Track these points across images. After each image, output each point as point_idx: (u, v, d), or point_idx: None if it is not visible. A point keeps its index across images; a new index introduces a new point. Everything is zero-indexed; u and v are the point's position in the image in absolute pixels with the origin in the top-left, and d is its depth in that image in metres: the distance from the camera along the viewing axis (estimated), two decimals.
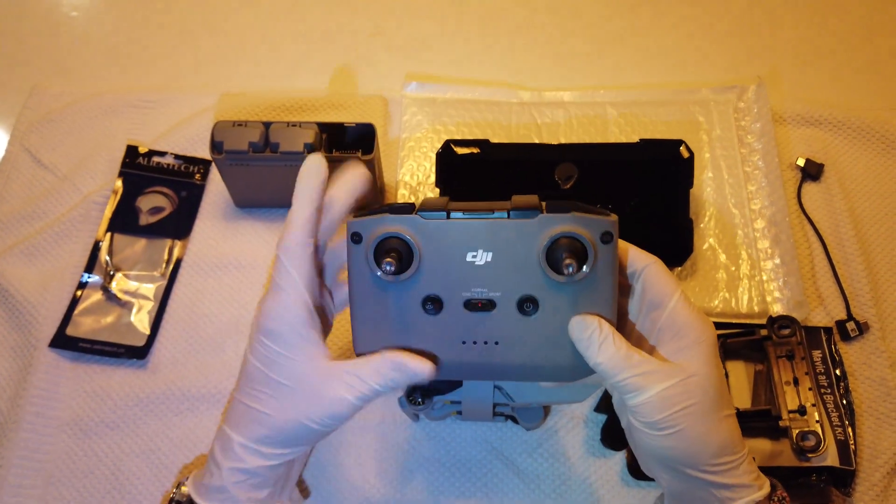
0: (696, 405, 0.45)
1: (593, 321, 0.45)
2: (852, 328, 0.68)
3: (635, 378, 0.44)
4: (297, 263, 0.47)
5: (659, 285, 0.47)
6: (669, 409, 0.44)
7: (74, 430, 0.65)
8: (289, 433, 0.48)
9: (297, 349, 0.47)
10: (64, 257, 0.73)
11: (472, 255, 0.46)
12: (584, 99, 0.81)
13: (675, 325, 0.46)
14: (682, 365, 0.45)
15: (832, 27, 0.89)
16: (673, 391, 0.44)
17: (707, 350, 0.46)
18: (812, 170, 0.77)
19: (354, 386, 0.46)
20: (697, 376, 0.45)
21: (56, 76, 0.86)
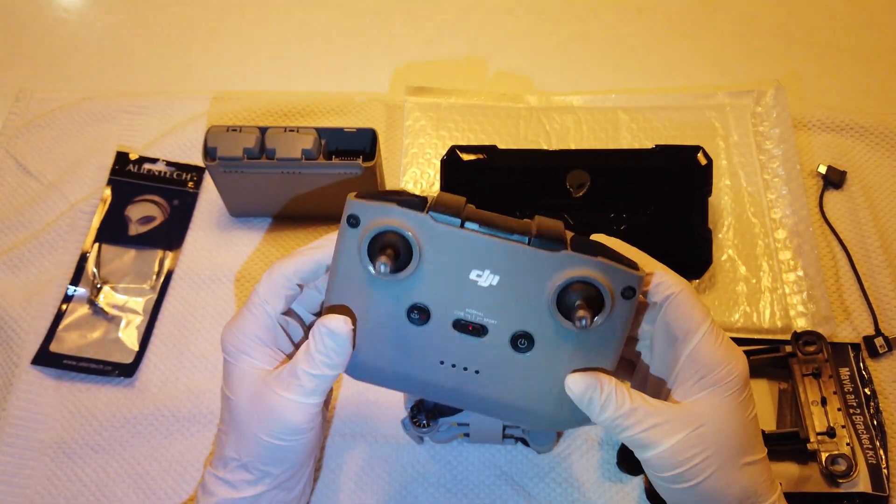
0: (712, 456, 0.41)
1: (592, 381, 0.41)
2: (881, 344, 0.65)
3: (643, 433, 0.41)
4: (274, 289, 0.44)
5: (685, 316, 0.42)
6: (682, 464, 0.41)
7: (57, 452, 0.62)
8: (248, 453, 0.45)
9: (247, 365, 0.44)
10: (49, 269, 0.70)
11: (478, 273, 0.41)
12: (595, 103, 0.78)
13: (698, 363, 0.42)
14: (696, 410, 0.41)
15: (853, 30, 0.86)
16: (685, 444, 0.41)
17: (731, 392, 0.42)
18: (834, 177, 0.73)
19: (292, 382, 0.43)
20: (712, 424, 0.41)
21: (44, 80, 0.83)
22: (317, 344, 0.41)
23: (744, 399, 0.42)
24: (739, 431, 0.42)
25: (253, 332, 0.44)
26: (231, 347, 0.45)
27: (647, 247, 0.65)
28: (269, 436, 0.44)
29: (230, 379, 0.45)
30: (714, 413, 0.41)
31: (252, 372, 0.44)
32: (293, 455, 0.46)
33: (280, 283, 0.44)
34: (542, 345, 0.42)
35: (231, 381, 0.45)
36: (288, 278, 0.44)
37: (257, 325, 0.44)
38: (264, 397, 0.43)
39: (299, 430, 0.44)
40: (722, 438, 0.41)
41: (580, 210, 0.66)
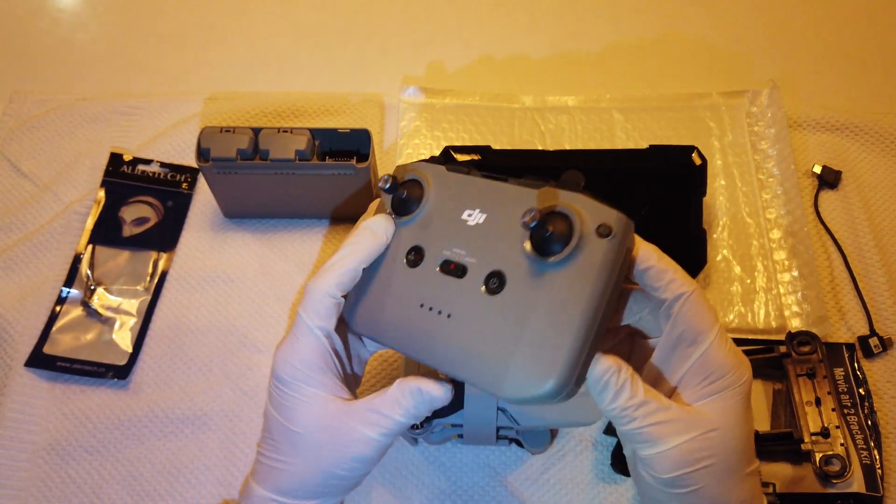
0: (717, 464, 0.40)
1: (612, 363, 0.39)
2: (875, 344, 0.65)
3: (651, 428, 0.40)
4: (319, 309, 0.43)
5: (696, 319, 0.41)
6: (686, 466, 0.40)
7: (51, 454, 0.62)
8: (312, 483, 0.44)
9: (311, 395, 0.44)
10: (42, 271, 0.69)
11: (469, 213, 0.42)
12: (589, 104, 0.78)
13: (707, 368, 0.41)
14: (707, 415, 0.41)
15: (847, 29, 0.86)
16: (692, 445, 0.40)
17: (739, 399, 0.41)
18: (829, 177, 0.73)
19: (374, 422, 0.43)
20: (722, 430, 0.40)
21: (37, 82, 0.83)
22: (414, 403, 0.42)
23: (749, 408, 0.42)
24: (744, 440, 0.42)
25: (309, 360, 0.43)
26: (288, 378, 0.43)
27: None
28: (340, 468, 0.43)
29: (292, 410, 0.44)
30: (724, 419, 0.41)
31: (319, 403, 0.43)
32: (349, 485, 0.46)
33: (327, 303, 0.43)
34: (514, 286, 0.40)
35: (293, 412, 0.44)
36: (332, 295, 0.44)
37: (312, 352, 0.44)
38: (341, 431, 0.43)
39: (370, 461, 0.44)
40: (729, 445, 0.41)
41: None
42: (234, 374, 0.65)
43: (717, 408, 0.41)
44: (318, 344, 0.44)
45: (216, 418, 0.63)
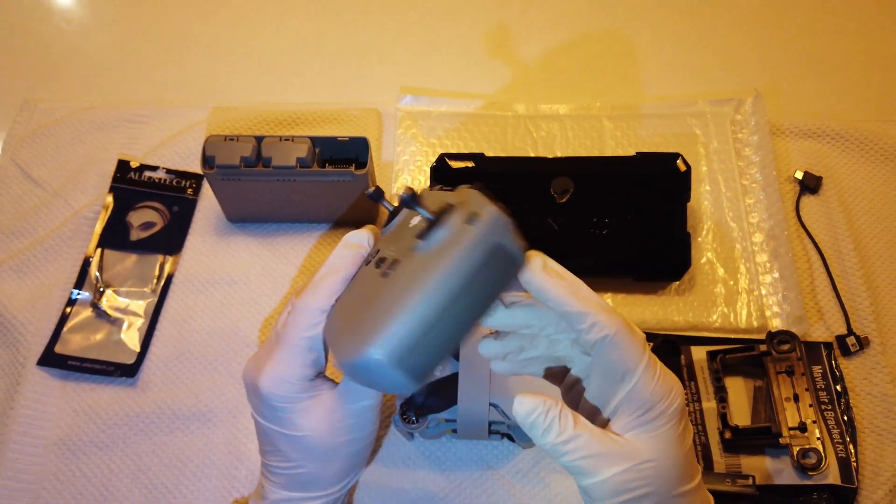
0: (653, 492, 0.42)
1: (537, 404, 0.41)
2: (852, 343, 0.67)
3: (582, 461, 0.41)
4: (312, 324, 0.45)
5: (622, 358, 0.42)
6: (616, 496, 0.41)
7: (62, 449, 0.64)
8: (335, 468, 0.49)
9: (310, 404, 0.47)
10: (53, 273, 0.72)
11: (415, 218, 0.44)
12: (580, 112, 0.81)
13: (638, 401, 0.42)
14: (639, 446, 0.42)
15: (829, 39, 0.88)
16: (626, 476, 0.41)
17: (671, 426, 0.42)
18: (810, 182, 0.76)
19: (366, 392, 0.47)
20: (656, 461, 0.42)
21: (47, 91, 0.85)
22: None
23: (682, 430, 0.43)
24: (679, 464, 0.43)
25: (302, 374, 0.46)
26: (284, 394, 0.46)
27: (628, 250, 0.68)
28: (353, 445, 0.48)
29: (295, 422, 0.46)
30: (658, 450, 0.42)
31: (318, 406, 0.47)
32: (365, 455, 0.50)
33: (318, 319, 0.45)
34: (401, 269, 0.41)
35: (296, 423, 0.46)
36: (323, 310, 0.45)
37: (305, 366, 0.46)
38: (342, 416, 0.47)
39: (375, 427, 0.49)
40: (663, 473, 0.42)
41: (564, 216, 0.68)
42: (238, 372, 0.67)
43: (649, 438, 0.42)
44: (309, 357, 0.46)
45: (220, 415, 0.66)
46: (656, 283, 0.71)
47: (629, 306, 0.70)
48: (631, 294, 0.71)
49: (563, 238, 0.68)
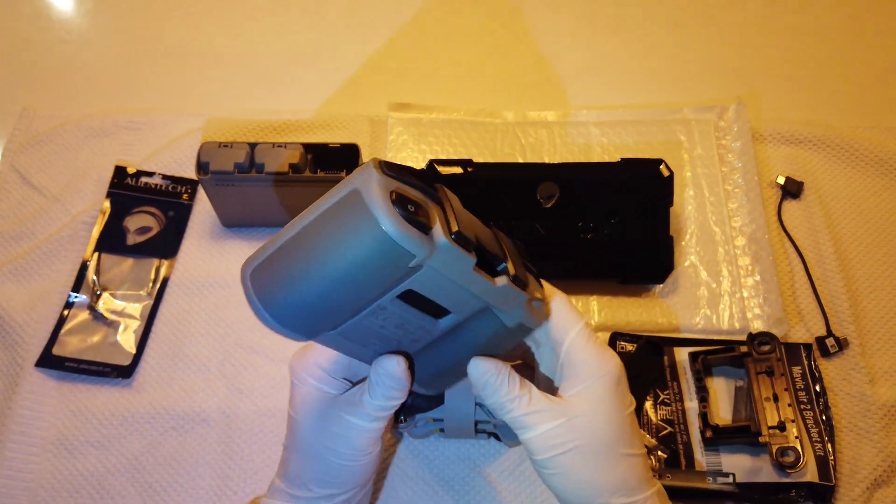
0: (583, 446, 0.45)
1: (490, 365, 0.45)
2: (832, 344, 0.69)
3: (523, 417, 0.45)
4: None
5: (559, 321, 0.47)
6: (551, 450, 0.45)
7: (59, 449, 0.66)
8: (313, 471, 0.49)
9: (311, 386, 0.48)
10: (51, 277, 0.73)
11: None
12: (568, 119, 0.82)
13: (573, 363, 0.46)
14: (571, 404, 0.45)
15: (810, 47, 0.90)
16: (556, 431, 0.45)
17: (602, 388, 0.46)
18: (792, 188, 0.78)
19: (354, 408, 0.47)
20: (584, 416, 0.45)
21: (47, 98, 0.87)
22: (378, 378, 0.45)
23: (618, 395, 0.46)
24: (614, 423, 0.46)
25: (318, 362, 0.48)
26: (298, 372, 0.49)
27: (613, 254, 0.70)
28: (333, 456, 0.48)
29: (295, 401, 0.49)
30: (588, 406, 0.45)
31: (317, 395, 0.48)
32: (353, 476, 0.50)
33: None
34: None
35: (296, 403, 0.49)
36: None
37: (323, 357, 0.48)
38: (330, 419, 0.48)
39: (362, 452, 0.48)
40: (595, 429, 0.45)
41: (549, 220, 0.70)
42: (231, 374, 0.69)
43: (581, 397, 0.46)
44: (329, 352, 0.48)
45: (214, 415, 0.67)
46: (641, 285, 0.72)
47: (614, 308, 0.72)
48: (616, 296, 0.72)
49: (550, 242, 0.70)
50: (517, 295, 0.43)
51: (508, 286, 0.42)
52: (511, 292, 0.43)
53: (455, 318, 0.43)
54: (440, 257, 0.38)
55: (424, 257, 0.37)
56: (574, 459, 0.45)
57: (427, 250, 0.37)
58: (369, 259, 0.36)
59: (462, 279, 0.40)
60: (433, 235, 0.37)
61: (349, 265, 0.37)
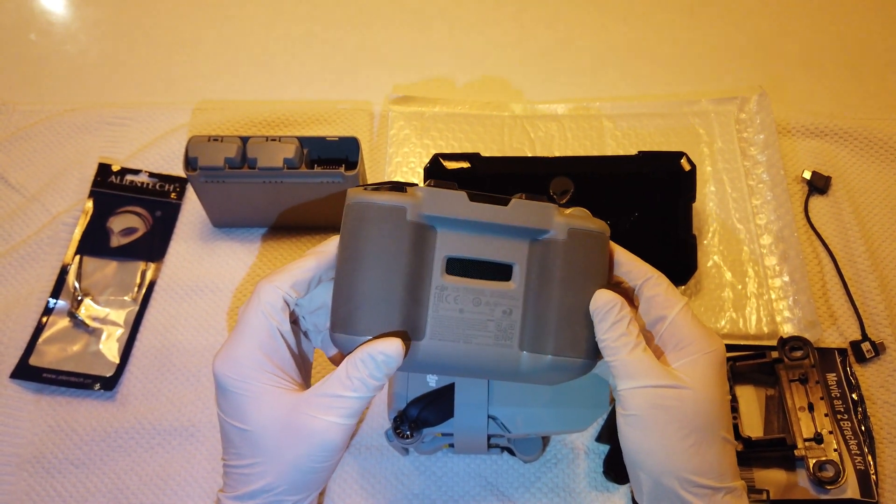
0: (684, 416, 0.42)
1: (614, 298, 0.43)
2: (868, 349, 0.64)
3: (631, 365, 0.42)
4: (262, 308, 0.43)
5: (660, 297, 0.45)
6: (655, 406, 0.42)
7: (36, 467, 0.61)
8: (284, 482, 0.43)
9: (259, 391, 0.43)
10: (29, 282, 0.69)
11: None
12: (579, 111, 0.78)
13: (676, 337, 0.44)
14: (681, 376, 0.43)
15: (836, 36, 0.86)
16: (664, 392, 0.42)
17: (707, 365, 0.43)
18: (819, 182, 0.73)
19: (330, 405, 0.42)
20: (693, 391, 0.42)
21: (26, 92, 0.82)
22: (368, 369, 0.41)
23: (722, 375, 0.44)
24: (716, 403, 0.43)
25: (250, 357, 0.43)
26: (233, 377, 0.43)
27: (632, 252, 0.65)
28: (308, 460, 0.42)
29: (243, 411, 0.43)
30: (693, 381, 0.43)
31: (270, 397, 0.43)
32: (324, 476, 0.45)
33: (273, 299, 0.43)
34: None
35: (245, 413, 0.43)
36: (281, 290, 0.43)
37: (253, 349, 0.43)
38: (300, 423, 0.42)
39: (338, 450, 0.43)
40: (697, 406, 0.42)
41: None
42: None
43: (689, 370, 0.43)
44: (265, 340, 0.43)
45: (204, 430, 0.62)
46: None
47: None
48: None
49: None
50: (539, 206, 0.44)
51: (521, 201, 0.44)
52: (529, 205, 0.44)
53: (520, 268, 0.44)
54: (429, 203, 0.43)
55: (413, 207, 0.42)
56: (673, 426, 0.42)
57: (409, 201, 0.42)
58: (370, 230, 0.42)
59: (468, 214, 0.43)
60: (415, 191, 0.43)
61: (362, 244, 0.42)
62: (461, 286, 0.44)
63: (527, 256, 0.44)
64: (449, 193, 0.43)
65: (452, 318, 0.43)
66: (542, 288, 0.44)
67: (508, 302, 0.44)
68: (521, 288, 0.44)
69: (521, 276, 0.44)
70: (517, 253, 0.44)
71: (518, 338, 0.44)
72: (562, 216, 0.44)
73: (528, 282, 0.44)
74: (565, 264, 0.44)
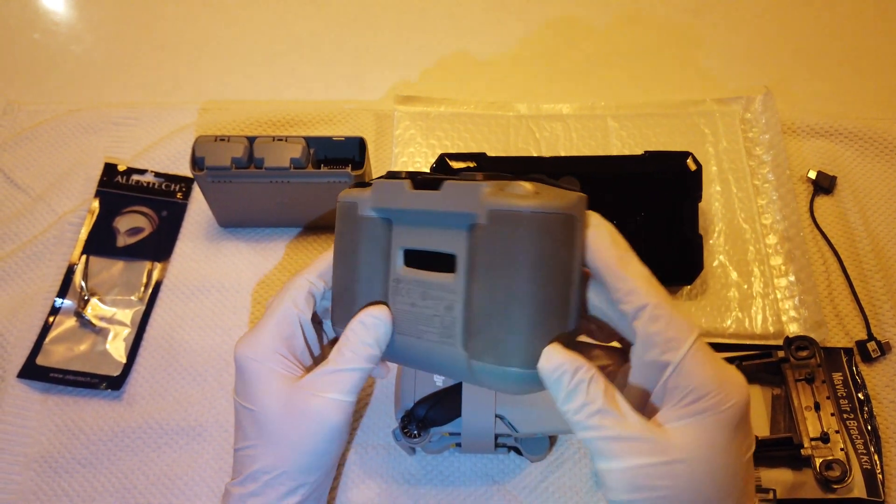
0: (676, 497, 0.35)
1: (565, 360, 0.35)
2: (874, 349, 0.64)
3: (605, 442, 0.35)
4: (296, 294, 0.45)
5: (664, 333, 0.35)
6: (636, 492, 0.34)
7: (43, 466, 0.61)
8: (287, 464, 0.43)
9: (268, 372, 0.44)
10: (36, 282, 0.69)
11: None
12: (584, 112, 0.78)
13: (683, 388, 0.35)
14: (673, 438, 0.35)
15: (841, 36, 0.86)
16: (647, 472, 0.34)
17: (720, 426, 0.35)
18: (824, 182, 0.73)
19: (331, 382, 0.42)
20: (692, 462, 0.34)
21: (32, 93, 0.82)
22: (357, 336, 0.42)
23: (738, 436, 0.36)
24: (727, 475, 0.35)
25: (270, 342, 0.44)
26: (246, 358, 0.44)
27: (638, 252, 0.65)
28: (308, 441, 0.42)
29: (252, 391, 0.44)
30: (695, 447, 0.35)
31: (278, 379, 0.43)
32: (329, 459, 0.45)
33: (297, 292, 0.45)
34: None
35: (254, 392, 0.44)
36: (310, 280, 0.46)
37: (273, 336, 0.44)
38: (299, 402, 0.42)
39: (338, 431, 0.43)
40: (699, 479, 0.35)
41: None
42: (230, 383, 0.64)
43: (690, 434, 0.35)
44: (279, 326, 0.44)
45: (211, 429, 0.62)
46: (667, 286, 0.68)
47: None
48: None
49: None
50: (467, 186, 0.38)
51: (452, 183, 0.39)
52: (458, 186, 0.38)
53: (461, 258, 0.39)
54: (375, 196, 0.42)
55: (363, 202, 0.43)
56: None
57: (360, 197, 0.43)
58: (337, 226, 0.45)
59: (409, 204, 0.41)
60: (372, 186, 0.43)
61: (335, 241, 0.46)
62: (412, 279, 0.41)
63: (466, 245, 0.38)
64: (392, 184, 0.41)
65: (406, 311, 0.41)
66: (472, 282, 0.38)
67: (449, 296, 0.39)
68: (461, 281, 0.39)
69: (462, 268, 0.39)
70: (457, 241, 0.39)
71: (459, 336, 0.39)
72: (490, 196, 0.37)
73: (467, 274, 0.38)
74: (487, 255, 0.37)
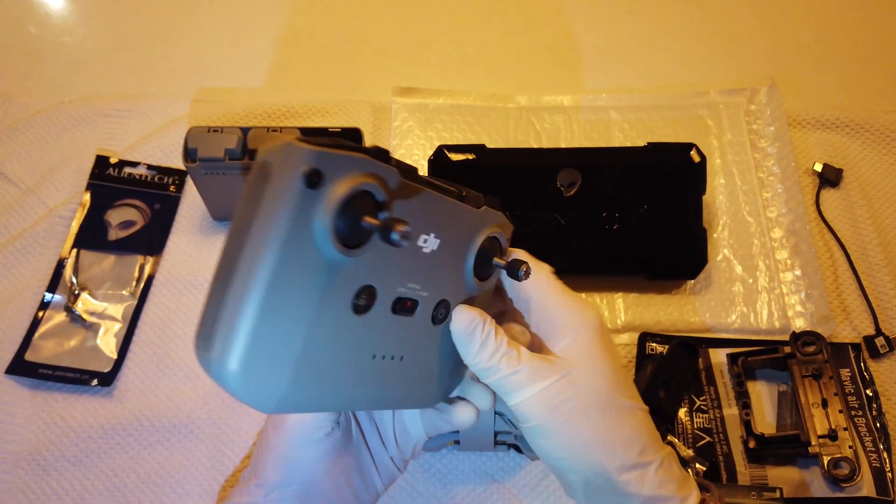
0: (583, 404, 0.40)
1: (476, 314, 0.40)
2: (882, 344, 0.63)
3: (513, 376, 0.39)
4: None
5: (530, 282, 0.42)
6: (552, 410, 0.40)
7: (32, 464, 0.60)
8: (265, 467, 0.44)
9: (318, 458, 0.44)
10: (25, 276, 0.68)
11: (425, 238, 0.37)
12: (585, 103, 0.77)
13: (548, 320, 0.42)
14: (562, 359, 0.41)
15: (847, 27, 0.85)
16: (554, 389, 0.40)
17: (590, 338, 0.42)
18: (830, 175, 0.72)
19: None
20: (580, 370, 0.40)
21: (24, 85, 0.81)
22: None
23: (608, 344, 0.42)
24: (613, 374, 0.41)
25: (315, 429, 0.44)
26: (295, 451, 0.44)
27: (640, 247, 0.64)
28: (284, 447, 0.43)
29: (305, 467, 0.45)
30: (580, 359, 0.41)
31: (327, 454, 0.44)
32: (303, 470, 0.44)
33: None
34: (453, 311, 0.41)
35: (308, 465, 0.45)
36: None
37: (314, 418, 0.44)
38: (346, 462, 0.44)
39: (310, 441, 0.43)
40: (592, 382, 0.41)
41: (570, 209, 0.64)
42: None
43: (571, 350, 0.41)
44: None
45: (203, 426, 0.61)
46: (670, 281, 0.67)
47: (642, 307, 0.66)
48: (643, 293, 0.67)
49: (571, 234, 0.64)
50: None
51: None
52: None
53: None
54: None
55: None
56: (577, 418, 0.40)
57: None
58: None
59: None
60: None
61: None
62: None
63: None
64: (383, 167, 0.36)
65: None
66: None
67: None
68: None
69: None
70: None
71: None
72: None
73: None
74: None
